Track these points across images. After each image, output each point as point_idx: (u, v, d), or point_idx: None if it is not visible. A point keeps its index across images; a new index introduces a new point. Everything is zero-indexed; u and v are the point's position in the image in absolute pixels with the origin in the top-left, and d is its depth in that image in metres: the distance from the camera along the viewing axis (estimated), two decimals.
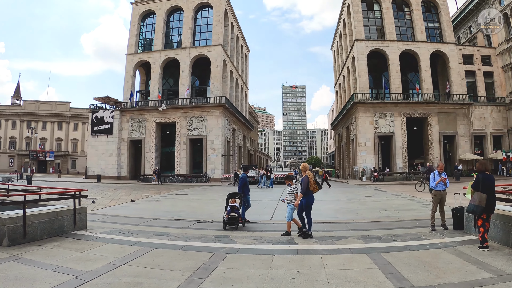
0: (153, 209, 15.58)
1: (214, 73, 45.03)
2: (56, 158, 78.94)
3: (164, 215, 13.03)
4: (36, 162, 75.78)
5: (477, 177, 7.20)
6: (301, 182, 8.52)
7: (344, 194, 22.92)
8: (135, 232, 9.37)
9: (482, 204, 6.81)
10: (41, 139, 78.09)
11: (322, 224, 10.31)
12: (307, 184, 8.37)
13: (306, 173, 8.56)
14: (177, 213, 13.56)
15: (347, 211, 14.00)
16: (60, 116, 79.52)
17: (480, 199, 6.85)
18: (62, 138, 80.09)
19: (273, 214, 13.22)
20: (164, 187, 31.66)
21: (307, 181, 8.39)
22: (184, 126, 43.48)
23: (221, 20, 47.17)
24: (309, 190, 8.46)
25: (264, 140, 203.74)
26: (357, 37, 44.59)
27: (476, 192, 7.06)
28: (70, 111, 80.00)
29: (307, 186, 8.35)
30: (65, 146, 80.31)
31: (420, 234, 8.34)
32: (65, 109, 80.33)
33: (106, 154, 45.31)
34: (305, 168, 8.78)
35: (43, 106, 79.74)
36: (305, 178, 8.42)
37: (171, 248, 7.42)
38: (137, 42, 49.81)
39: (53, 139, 79.56)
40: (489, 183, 7.02)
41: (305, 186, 8.33)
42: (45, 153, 77.65)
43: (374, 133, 41.34)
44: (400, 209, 13.72)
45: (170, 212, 14.10)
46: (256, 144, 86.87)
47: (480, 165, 7.41)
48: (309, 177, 8.47)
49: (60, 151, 79.88)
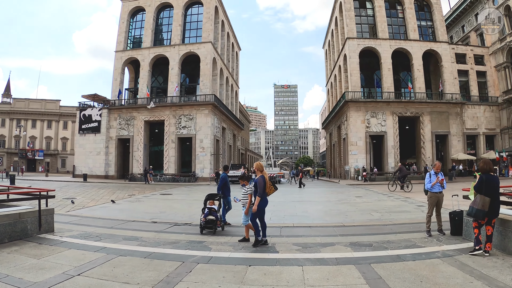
0: (133, 210, 14.75)
1: (204, 71, 44.21)
2: (46, 157, 77.76)
3: (142, 216, 12.23)
4: (26, 161, 74.54)
5: (480, 178, 6.49)
6: (255, 183, 7.62)
7: (334, 194, 22.16)
8: (104, 236, 8.54)
9: (485, 208, 6.15)
10: (31, 138, 76.70)
11: (308, 228, 9.53)
12: (264, 186, 7.48)
13: (262, 173, 7.67)
14: (157, 215, 12.75)
15: (336, 213, 13.18)
16: (50, 114, 78.18)
17: (483, 203, 6.19)
18: (52, 137, 78.78)
19: None
20: (150, 186, 30.77)
21: (263, 182, 7.50)
22: (173, 125, 42.67)
23: (211, 17, 46.36)
24: (265, 193, 7.58)
25: (256, 139, 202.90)
26: (349, 35, 43.96)
27: (478, 194, 6.36)
28: (60, 109, 78.59)
29: (263, 188, 7.47)
30: (54, 145, 79.01)
31: (415, 241, 7.55)
32: (55, 107, 78.97)
33: (94, 153, 44.40)
34: (260, 168, 7.88)
35: (33, 104, 78.20)
36: (260, 178, 7.52)
37: (137, 256, 6.59)
38: (126, 39, 48.83)
39: (42, 137, 78.24)
40: (493, 185, 6.35)
41: (262, 188, 7.43)
42: (35, 151, 76.34)
43: (366, 132, 40.76)
44: (392, 211, 12.99)
45: (149, 213, 13.28)
46: (247, 143, 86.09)
47: (484, 164, 6.67)
48: (265, 177, 7.62)
49: (49, 149, 78.60)
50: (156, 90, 49.48)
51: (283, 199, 18.40)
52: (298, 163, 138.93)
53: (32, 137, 77.11)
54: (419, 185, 27.40)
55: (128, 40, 49.46)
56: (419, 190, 23.13)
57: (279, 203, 16.12)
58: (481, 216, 6.22)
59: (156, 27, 48.72)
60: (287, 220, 11.31)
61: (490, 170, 6.58)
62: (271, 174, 37.14)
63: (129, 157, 44.03)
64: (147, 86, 44.98)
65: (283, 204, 16.18)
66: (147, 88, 44.63)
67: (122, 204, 16.36)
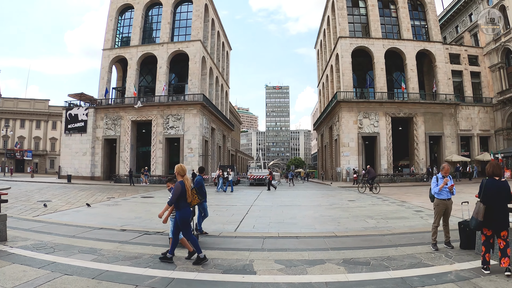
0: (106, 215, 13.43)
1: (193, 70, 43.00)
2: (34, 158, 75.92)
3: (113, 223, 11.02)
4: (14, 162, 72.68)
5: (481, 182, 5.64)
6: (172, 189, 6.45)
7: (326, 198, 20.82)
8: (60, 247, 7.36)
9: (479, 217, 5.35)
10: (19, 138, 74.75)
11: (295, 239, 8.30)
12: (180, 193, 6.25)
13: (182, 178, 6.46)
14: (130, 221, 11.53)
15: (328, 219, 11.97)
16: (39, 114, 76.34)
17: (478, 211, 5.42)
18: (41, 137, 76.97)
19: (240, 223, 11.19)
20: (134, 188, 29.43)
21: (180, 189, 6.27)
22: (161, 125, 41.43)
23: (201, 15, 45.21)
24: (185, 202, 6.34)
25: (247, 140, 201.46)
26: (341, 34, 43.01)
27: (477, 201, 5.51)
28: (49, 109, 76.64)
29: (178, 195, 6.24)
30: (43, 145, 77.27)
31: (420, 257, 6.38)
32: (44, 107, 77.09)
33: (80, 154, 43.04)
34: (181, 171, 6.57)
35: (22, 103, 76.12)
36: (177, 185, 6.32)
37: (85, 275, 5.39)
38: (114, 37, 47.49)
39: (31, 137, 76.38)
40: (494, 191, 5.41)
41: (176, 195, 6.23)
42: (23, 152, 74.37)
43: (358, 133, 39.80)
44: (389, 217, 11.84)
45: (123, 219, 12.04)
46: (237, 145, 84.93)
47: (489, 167, 5.71)
48: (186, 184, 6.39)
49: (38, 150, 76.76)
50: (144, 89, 48.18)
51: (271, 203, 17.32)
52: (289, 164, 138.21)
53: (21, 137, 75.20)
54: (409, 188, 26.66)
55: (116, 38, 48.10)
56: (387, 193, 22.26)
57: (265, 207, 15.04)
58: (474, 226, 5.45)
59: (144, 25, 47.49)
60: (273, 228, 10.17)
61: (494, 174, 5.60)
62: (259, 176, 35.90)
63: (116, 158, 42.66)
64: (134, 85, 43.65)
65: (270, 209, 15.08)
66: (134, 87, 43.30)
67: (97, 208, 15.12)
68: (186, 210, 6.39)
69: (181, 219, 6.28)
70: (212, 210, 14.18)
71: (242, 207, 15.35)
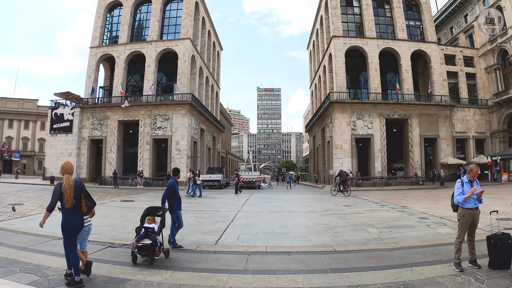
0: None
1: (181, 69, 41.64)
2: (22, 158, 74.48)
3: None
4: (2, 162, 70.73)
5: None
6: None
7: (319, 202, 19.39)
8: (1, 263, 6.07)
9: None
10: (7, 138, 73.40)
11: (286, 255, 6.93)
12: (59, 197, 5.20)
13: (65, 177, 5.31)
14: (100, 229, 10.12)
15: (323, 228, 10.54)
16: (27, 114, 74.79)
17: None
18: (29, 138, 75.48)
19: (223, 233, 9.79)
20: (117, 191, 27.89)
21: (60, 192, 5.16)
22: (148, 125, 39.98)
23: (191, 12, 43.90)
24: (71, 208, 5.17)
25: (238, 143, 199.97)
26: (334, 34, 41.89)
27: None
28: (37, 109, 74.89)
29: (56, 199, 5.23)
30: (31, 146, 75.80)
31: (445, 282, 5.07)
32: (33, 107, 75.50)
33: (65, 154, 41.26)
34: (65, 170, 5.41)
35: (10, 103, 74.35)
36: (57, 186, 5.21)
37: None
38: (102, 35, 45.94)
39: (19, 138, 74.89)
40: None
41: (54, 198, 5.23)
42: (11, 152, 72.87)
43: (352, 135, 38.62)
44: (392, 226, 10.54)
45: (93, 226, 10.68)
46: (228, 147, 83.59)
47: None
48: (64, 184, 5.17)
49: (26, 151, 75.28)
50: (132, 88, 46.72)
51: (259, 208, 15.92)
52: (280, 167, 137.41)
53: (9, 137, 73.81)
54: (406, 192, 25.31)
55: (104, 36, 46.60)
56: (384, 197, 20.77)
57: (254, 214, 13.68)
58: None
59: (133, 23, 46.06)
60: (260, 239, 8.83)
61: None
62: (249, 178, 34.52)
63: (102, 159, 41.16)
64: (121, 84, 42.12)
65: (259, 215, 13.68)
66: (121, 86, 41.76)
67: None
68: (69, 219, 5.19)
69: (62, 227, 5.17)
70: (194, 216, 12.84)
71: (227, 213, 13.97)
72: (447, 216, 11.84)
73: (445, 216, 11.93)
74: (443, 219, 11.35)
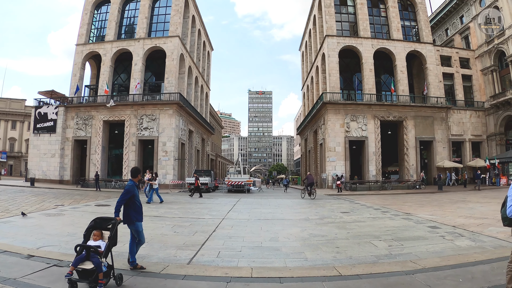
0: (35, 229, 10.06)
1: (170, 67, 40.13)
2: (9, 159, 72.33)
3: (32, 242, 8.17)
4: None
5: None
6: None
7: (314, 208, 17.58)
8: None
9: None
10: None
11: (277, 283, 5.35)
12: None
13: None
14: (57, 239, 8.59)
15: (321, 241, 8.85)
16: (15, 114, 72.79)
17: None
18: (16, 138, 73.47)
19: (201, 247, 8.08)
20: (96, 194, 26.13)
21: None
22: (134, 125, 38.41)
23: (180, 9, 42.49)
24: None
25: (229, 146, 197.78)
26: (328, 33, 40.62)
27: None
28: (25, 109, 72.62)
29: None
30: (18, 147, 73.70)
31: None
32: (20, 107, 73.46)
33: (48, 155, 39.80)
34: None
35: None
36: None
37: None
38: (88, 32, 44.32)
39: (6, 138, 72.84)
40: None
41: None
42: None
43: (345, 137, 37.34)
44: (401, 238, 8.95)
45: (50, 236, 9.07)
46: (218, 149, 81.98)
47: None
48: None
49: (13, 151, 73.17)
50: (118, 88, 45.27)
51: (247, 215, 14.20)
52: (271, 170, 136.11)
53: None
54: (404, 196, 23.65)
55: (91, 33, 44.95)
56: (383, 203, 18.93)
57: (240, 222, 12.12)
58: None
59: (121, 21, 44.47)
60: (245, 257, 7.24)
61: None
62: (238, 181, 32.84)
63: (86, 160, 39.43)
64: (107, 83, 40.45)
65: (246, 224, 11.90)
66: (106, 85, 40.10)
67: (32, 219, 12.01)
68: None
69: None
70: (171, 225, 11.23)
71: (210, 222, 12.25)
72: (460, 224, 10.44)
73: (457, 224, 10.49)
74: (456, 228, 9.87)
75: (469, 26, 43.36)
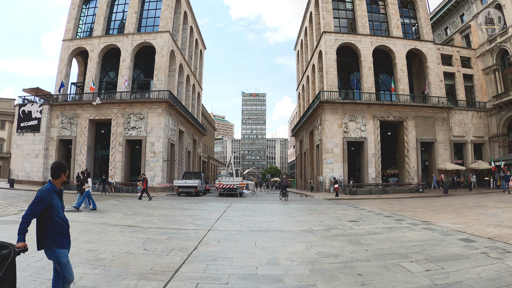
0: None
1: (159, 64, 38.27)
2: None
3: None
4: None
5: None
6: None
7: (315, 215, 15.09)
8: None
9: None
10: None
11: None
12: None
13: None
14: None
15: (336, 264, 6.45)
16: (3, 114, 70.34)
17: None
18: (5, 139, 70.91)
19: (174, 275, 5.68)
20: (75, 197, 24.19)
21: None
22: (121, 125, 36.53)
23: (171, 4, 40.80)
24: None
25: (222, 148, 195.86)
26: (325, 29, 38.97)
27: None
28: (14, 109, 70.13)
29: None
30: (7, 147, 70.71)
31: None
32: (9, 107, 70.57)
33: (32, 155, 37.96)
34: None
35: None
36: None
37: None
38: (76, 27, 42.46)
39: None
40: None
41: None
42: None
43: (343, 138, 35.64)
44: (437, 258, 6.69)
45: None
46: (211, 151, 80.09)
47: None
48: None
49: (2, 152, 70.72)
50: (106, 85, 43.35)
51: (238, 226, 11.70)
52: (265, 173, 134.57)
53: None
54: (411, 200, 21.04)
55: (78, 28, 43.04)
56: (389, 208, 16.52)
57: (230, 235, 9.76)
58: None
59: (110, 16, 42.59)
60: None
61: None
62: (230, 185, 30.79)
63: (71, 161, 37.44)
64: (93, 80, 38.48)
65: (237, 238, 9.42)
66: (93, 82, 38.13)
67: None
68: None
69: None
70: (144, 238, 9.06)
71: (193, 234, 9.91)
72: (495, 236, 8.57)
73: (492, 236, 8.63)
74: (495, 241, 7.97)
75: (470, 24, 42.03)
